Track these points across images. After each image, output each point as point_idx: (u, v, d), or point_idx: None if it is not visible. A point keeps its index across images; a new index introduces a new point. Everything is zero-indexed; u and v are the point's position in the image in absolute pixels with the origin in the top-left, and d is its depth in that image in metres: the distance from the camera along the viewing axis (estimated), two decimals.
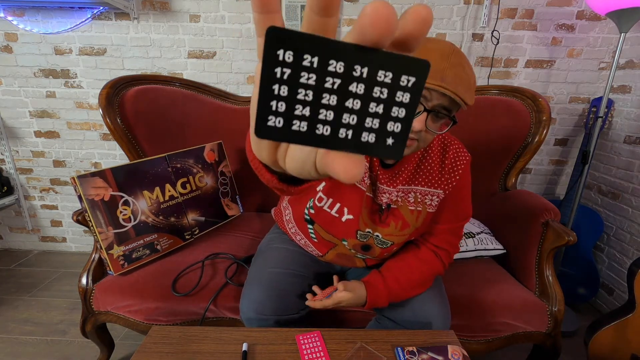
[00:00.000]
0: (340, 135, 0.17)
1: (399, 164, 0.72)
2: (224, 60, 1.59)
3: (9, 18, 1.53)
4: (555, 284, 0.95)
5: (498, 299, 0.94)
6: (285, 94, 0.16)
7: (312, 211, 0.77)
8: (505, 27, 1.52)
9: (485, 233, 1.13)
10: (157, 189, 1.05)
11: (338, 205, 0.74)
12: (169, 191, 1.08)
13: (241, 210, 1.36)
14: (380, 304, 0.75)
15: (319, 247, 0.83)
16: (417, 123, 0.58)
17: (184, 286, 0.93)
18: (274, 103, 0.16)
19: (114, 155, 1.76)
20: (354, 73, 0.16)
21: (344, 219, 0.74)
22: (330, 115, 0.17)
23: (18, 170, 1.79)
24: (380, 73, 0.16)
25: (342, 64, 0.16)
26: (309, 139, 0.17)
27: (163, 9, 1.52)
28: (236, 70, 1.61)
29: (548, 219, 0.99)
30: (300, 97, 0.16)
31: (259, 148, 0.23)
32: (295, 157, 0.21)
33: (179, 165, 1.12)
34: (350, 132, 0.17)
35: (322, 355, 0.65)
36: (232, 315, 0.92)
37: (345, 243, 0.78)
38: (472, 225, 1.16)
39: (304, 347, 0.66)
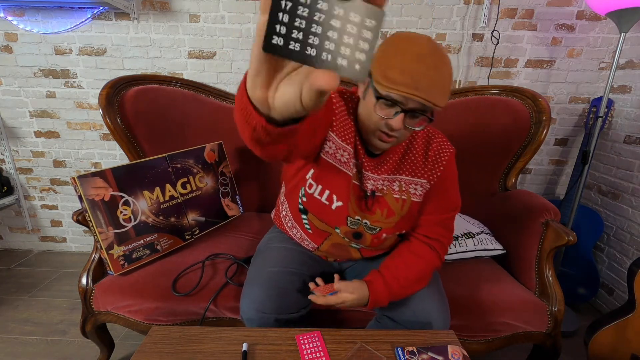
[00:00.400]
0: (322, 57, 0.23)
1: (384, 154, 0.75)
2: (224, 60, 1.59)
3: (9, 18, 1.53)
4: (555, 284, 0.95)
5: (498, 299, 0.94)
6: (286, 20, 0.22)
7: (304, 199, 0.79)
8: (505, 27, 1.52)
9: (485, 233, 1.13)
10: (157, 189, 1.05)
11: (327, 192, 0.76)
12: (169, 191, 1.08)
13: (241, 211, 1.36)
14: (381, 304, 0.76)
15: (314, 238, 0.84)
16: (396, 123, 0.61)
17: (184, 286, 0.93)
18: (277, 26, 0.22)
19: (114, 155, 1.76)
20: (334, 11, 0.22)
21: (334, 206, 0.76)
22: (316, 41, 0.23)
23: (18, 170, 1.79)
24: (352, 14, 0.22)
25: (326, 4, 0.22)
26: (300, 56, 0.23)
27: (163, 9, 1.52)
28: (236, 70, 1.61)
29: (548, 219, 0.99)
30: (296, 24, 0.22)
31: (254, 85, 0.29)
32: (285, 92, 0.28)
33: (179, 166, 1.12)
34: (329, 56, 0.23)
35: (322, 355, 0.65)
36: (232, 315, 0.92)
37: (337, 231, 0.80)
38: (472, 226, 1.16)
39: (304, 347, 0.66)
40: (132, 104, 1.17)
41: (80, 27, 1.55)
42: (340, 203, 0.75)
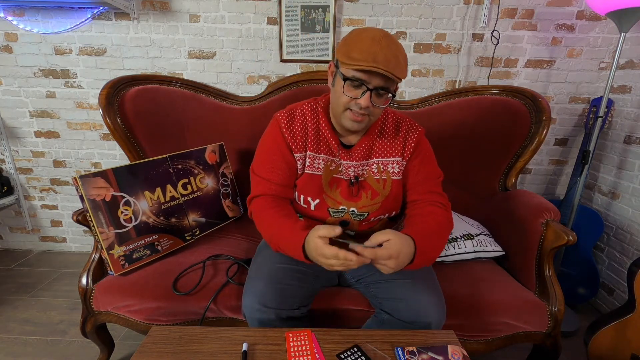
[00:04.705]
0: None
1: (358, 143, 0.83)
2: (224, 60, 1.59)
3: (9, 18, 1.53)
4: (555, 284, 0.95)
5: (498, 299, 0.94)
6: None
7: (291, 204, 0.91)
8: (505, 27, 1.52)
9: (484, 235, 1.13)
10: (158, 189, 1.05)
11: (302, 197, 0.85)
12: (170, 192, 1.08)
13: (242, 212, 1.36)
14: (427, 256, 0.73)
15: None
16: (364, 101, 0.69)
17: (184, 286, 0.93)
18: None
19: (114, 155, 1.77)
20: None
21: (312, 206, 0.85)
22: None
23: (18, 170, 1.79)
24: None
25: None
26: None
27: (163, 9, 1.52)
28: (236, 70, 1.61)
29: (548, 219, 0.99)
30: None
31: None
32: None
33: (180, 166, 1.12)
34: None
35: (318, 354, 0.65)
36: (232, 315, 0.92)
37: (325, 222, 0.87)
38: (471, 227, 1.16)
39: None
40: (132, 104, 1.17)
41: (80, 27, 1.55)
42: (317, 201, 0.84)
